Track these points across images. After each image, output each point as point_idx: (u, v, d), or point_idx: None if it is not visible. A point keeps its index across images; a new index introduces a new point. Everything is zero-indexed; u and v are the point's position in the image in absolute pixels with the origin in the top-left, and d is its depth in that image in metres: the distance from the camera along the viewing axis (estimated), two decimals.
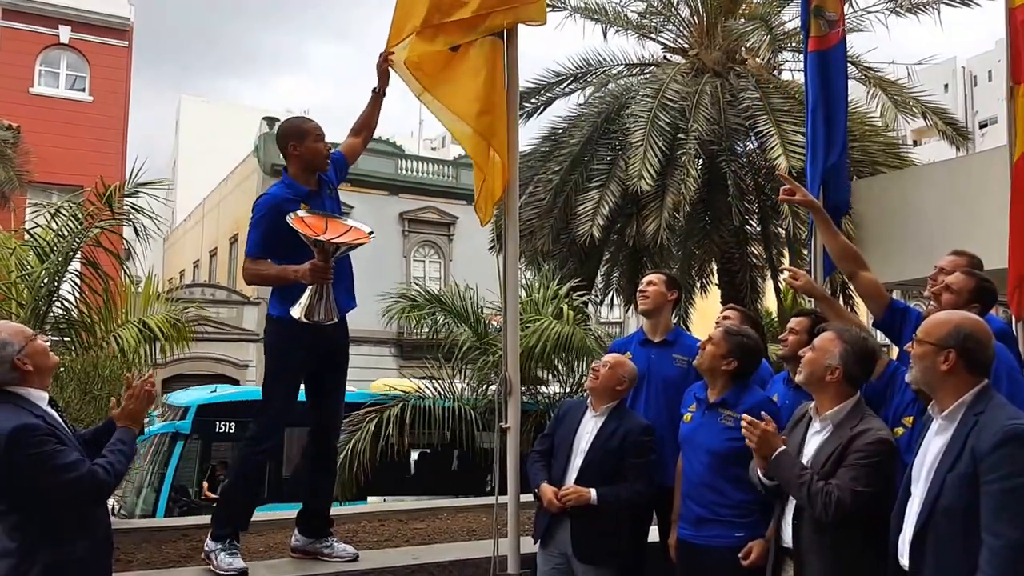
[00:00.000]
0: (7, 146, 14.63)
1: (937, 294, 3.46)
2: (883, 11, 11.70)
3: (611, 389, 3.97)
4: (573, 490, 3.76)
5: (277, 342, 4.21)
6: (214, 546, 3.93)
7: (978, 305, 3.33)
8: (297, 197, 4.07)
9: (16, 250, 7.33)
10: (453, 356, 10.30)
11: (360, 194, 25.63)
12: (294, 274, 3.85)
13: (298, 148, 4.18)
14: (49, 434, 2.79)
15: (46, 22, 22.47)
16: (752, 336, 3.77)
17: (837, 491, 2.79)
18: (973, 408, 2.51)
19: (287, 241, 3.86)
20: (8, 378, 2.84)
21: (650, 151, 10.08)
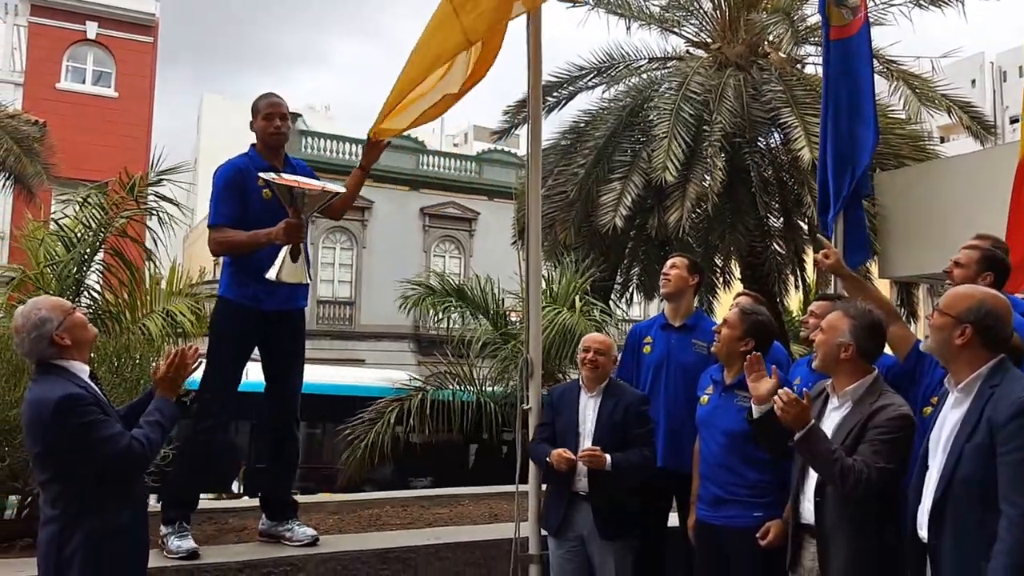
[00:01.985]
0: (33, 141, 14.79)
1: (949, 271, 3.49)
2: (906, 3, 11.61)
3: (608, 371, 4.07)
4: (591, 451, 3.79)
5: (222, 322, 4.16)
6: (165, 530, 3.92)
7: (991, 274, 3.36)
8: (259, 170, 4.05)
9: (44, 240, 7.43)
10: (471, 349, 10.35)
11: (382, 189, 25.72)
12: (266, 237, 3.84)
13: (253, 124, 4.20)
14: (94, 403, 2.85)
15: (73, 18, 22.70)
16: (764, 313, 3.84)
17: (865, 468, 2.80)
18: (989, 380, 2.53)
19: (252, 211, 3.88)
20: (48, 353, 2.91)
21: (675, 142, 10.08)
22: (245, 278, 4.04)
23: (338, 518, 5.14)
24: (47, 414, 2.77)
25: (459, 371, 10.94)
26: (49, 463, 2.86)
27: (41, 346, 2.90)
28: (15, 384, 4.15)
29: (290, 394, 4.33)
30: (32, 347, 2.90)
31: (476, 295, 10.52)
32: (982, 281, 3.26)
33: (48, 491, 2.88)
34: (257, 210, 3.99)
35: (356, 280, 25.91)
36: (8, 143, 13.59)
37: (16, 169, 13.78)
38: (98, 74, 23.14)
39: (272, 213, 3.89)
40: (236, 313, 4.04)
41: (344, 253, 25.98)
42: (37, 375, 2.93)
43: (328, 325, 25.62)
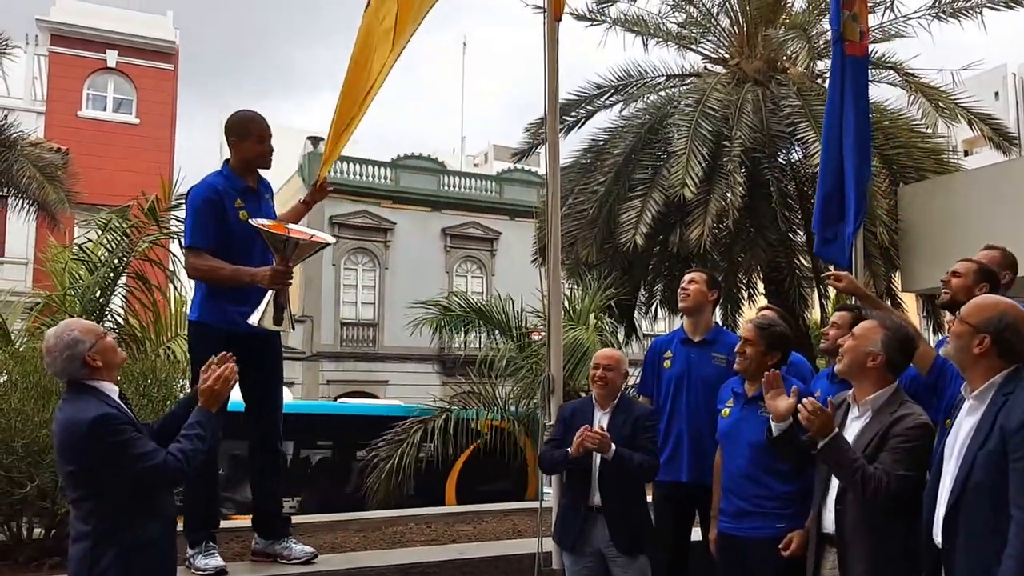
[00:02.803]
0: (57, 169, 15.01)
1: (947, 281, 3.61)
2: (925, 16, 11.58)
3: (619, 387, 4.08)
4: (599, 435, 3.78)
5: (201, 347, 3.99)
6: (191, 552, 3.93)
7: (986, 285, 3.47)
8: (234, 191, 4.03)
9: (68, 264, 7.54)
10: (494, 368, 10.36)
11: (403, 211, 25.88)
12: (250, 277, 3.79)
13: (239, 145, 4.13)
14: (127, 423, 2.90)
15: (94, 47, 23.07)
16: (780, 324, 3.85)
17: (886, 476, 2.84)
18: (1003, 388, 2.57)
19: (230, 232, 3.84)
20: (80, 374, 2.95)
21: (693, 159, 10.08)
22: (221, 301, 4.00)
23: (363, 536, 5.15)
24: (81, 433, 2.81)
25: (483, 390, 10.94)
26: (83, 481, 2.89)
27: (73, 366, 2.94)
28: (43, 405, 4.20)
29: (272, 412, 4.30)
30: (64, 367, 2.95)
31: (498, 315, 10.54)
32: (979, 291, 3.38)
33: (80, 508, 2.91)
34: (235, 232, 3.95)
35: (379, 302, 26.00)
36: (31, 171, 13.80)
37: (39, 196, 13.99)
38: (119, 101, 23.47)
39: (249, 236, 3.88)
40: (214, 337, 3.90)
41: (367, 275, 26.10)
42: (68, 395, 2.98)
43: (352, 347, 25.70)
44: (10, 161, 13.71)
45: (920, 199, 10.01)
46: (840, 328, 3.85)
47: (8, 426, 4.11)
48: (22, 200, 14.40)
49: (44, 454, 4.04)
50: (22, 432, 4.10)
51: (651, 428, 4.03)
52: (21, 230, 18.76)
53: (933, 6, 11.55)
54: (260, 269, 3.77)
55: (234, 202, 3.97)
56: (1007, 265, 3.82)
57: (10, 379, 4.48)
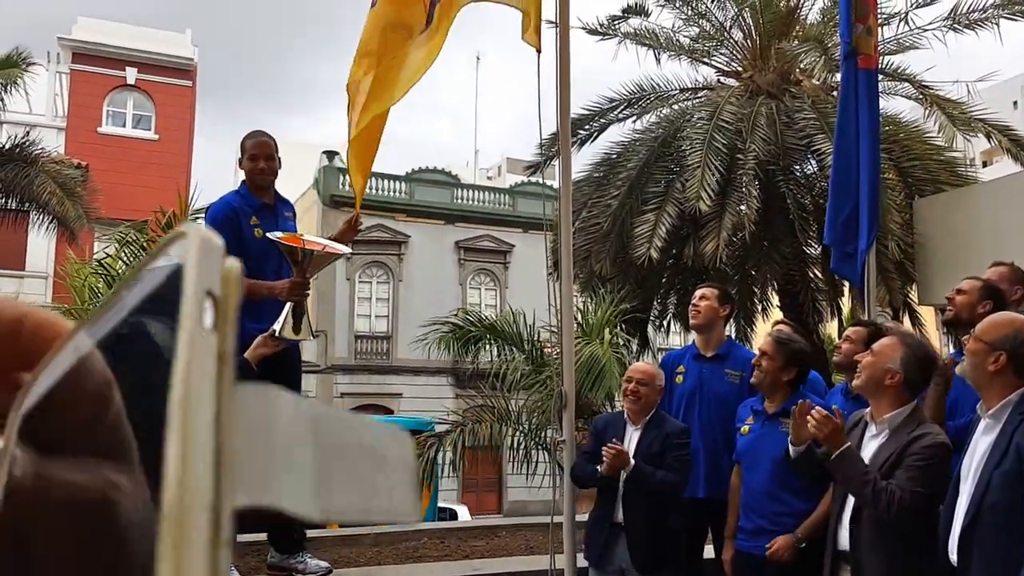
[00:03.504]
0: (76, 184, 15.20)
1: (951, 299, 3.63)
2: (940, 28, 11.53)
3: (652, 403, 4.03)
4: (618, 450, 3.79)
5: None
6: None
7: (990, 303, 3.46)
8: (250, 208, 4.11)
9: (87, 278, 7.63)
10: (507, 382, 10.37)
11: (416, 224, 25.97)
12: (268, 290, 3.86)
13: (241, 162, 4.25)
14: None
15: (114, 64, 23.38)
16: (800, 341, 3.84)
17: (899, 490, 2.82)
18: (1019, 407, 2.55)
19: (245, 249, 3.91)
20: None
21: (708, 172, 10.07)
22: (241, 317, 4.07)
23: (377, 551, 5.17)
24: None
25: (496, 404, 10.95)
26: None
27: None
28: None
29: None
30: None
31: (509, 329, 10.56)
32: (982, 308, 3.39)
33: None
34: (249, 248, 4.02)
35: (393, 315, 26.07)
36: (52, 187, 13.97)
37: (59, 212, 14.15)
38: (138, 118, 23.75)
39: (264, 252, 3.96)
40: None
41: (381, 287, 26.18)
42: None
43: (365, 360, 25.77)
44: (31, 177, 13.89)
45: (936, 212, 9.93)
46: (854, 343, 3.82)
47: None
48: (43, 215, 14.58)
49: None
50: None
51: (682, 446, 3.97)
52: (41, 244, 18.97)
53: (948, 17, 11.48)
54: (278, 282, 3.85)
55: (249, 219, 4.06)
56: (1017, 280, 3.80)
57: None
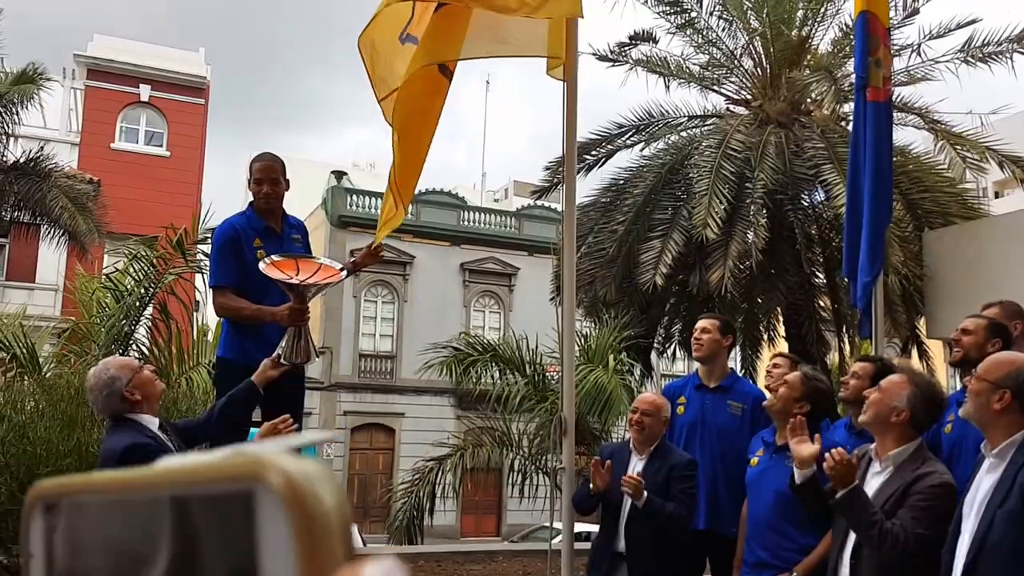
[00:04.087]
0: (88, 199, 15.35)
1: (957, 340, 3.62)
2: (952, 61, 11.55)
3: (656, 434, 4.03)
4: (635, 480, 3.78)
5: (224, 382, 4.17)
6: None
7: (999, 341, 3.46)
8: (254, 231, 4.13)
9: (96, 292, 7.66)
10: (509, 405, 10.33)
11: (422, 244, 26.04)
12: (271, 316, 3.90)
13: (249, 184, 4.28)
14: (159, 450, 3.02)
15: (128, 81, 23.61)
16: (826, 381, 3.81)
17: (902, 532, 2.79)
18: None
19: (248, 272, 3.93)
20: (121, 408, 3.12)
21: (715, 200, 10.06)
22: (244, 339, 4.11)
23: None
24: (113, 463, 2.96)
25: (498, 426, 10.91)
26: None
27: (113, 402, 3.11)
28: (68, 435, 4.26)
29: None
30: (105, 404, 3.12)
31: (511, 353, 10.54)
32: (991, 347, 3.38)
33: None
34: (252, 271, 4.02)
35: (397, 334, 26.10)
36: (63, 201, 14.11)
37: (70, 226, 14.27)
38: (151, 134, 23.93)
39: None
40: (237, 373, 4.02)
41: (386, 307, 26.23)
42: (110, 430, 3.15)
43: (369, 379, 25.77)
44: (44, 191, 14.03)
45: (946, 244, 9.92)
46: (861, 379, 3.82)
47: (34, 454, 4.17)
48: (54, 229, 14.70)
49: None
50: (47, 461, 4.17)
51: (688, 479, 3.96)
52: (52, 258, 19.07)
53: (961, 50, 11.51)
54: (279, 308, 3.86)
55: (252, 241, 4.07)
56: (1016, 315, 3.80)
57: (36, 408, 4.56)
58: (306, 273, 3.83)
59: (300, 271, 3.83)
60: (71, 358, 7.29)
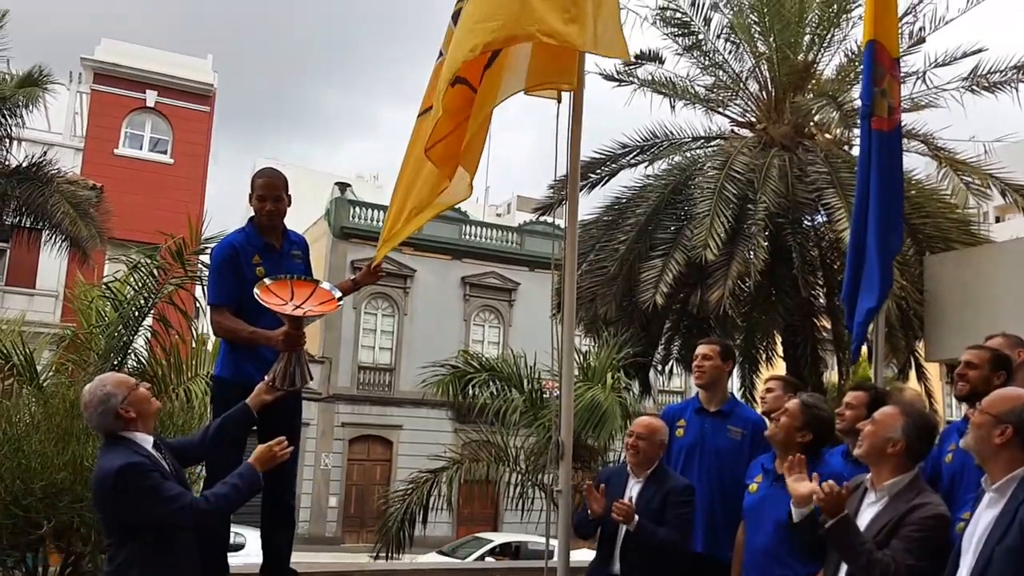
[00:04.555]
0: (90, 205, 15.34)
1: (962, 374, 3.63)
2: (958, 88, 11.58)
3: (652, 457, 4.03)
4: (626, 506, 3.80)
5: (220, 400, 4.15)
6: None
7: (1004, 373, 3.51)
8: (253, 248, 4.10)
9: (95, 301, 7.65)
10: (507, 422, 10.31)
11: (423, 258, 26.07)
12: (266, 340, 3.88)
13: (250, 199, 4.22)
14: (152, 469, 3.05)
15: (134, 86, 23.64)
16: (826, 409, 3.78)
17: (892, 563, 2.79)
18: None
19: (248, 289, 3.89)
20: (115, 425, 3.12)
21: (717, 221, 10.08)
22: (241, 358, 4.09)
23: None
24: (108, 483, 2.97)
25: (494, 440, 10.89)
26: (111, 529, 3.07)
27: (107, 420, 3.10)
28: (63, 448, 4.24)
29: (288, 467, 4.31)
30: (100, 421, 3.11)
31: (509, 371, 10.53)
32: (997, 380, 3.43)
33: (111, 555, 3.09)
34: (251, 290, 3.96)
35: (397, 347, 26.10)
36: (65, 207, 14.11)
37: (71, 232, 14.27)
38: (155, 140, 23.95)
39: None
40: (233, 391, 4.02)
41: (385, 320, 26.25)
42: (104, 447, 3.14)
43: (367, 391, 25.77)
44: (46, 196, 14.03)
45: (947, 269, 9.92)
46: (855, 408, 3.83)
47: (28, 467, 4.16)
48: (55, 235, 14.70)
49: (61, 496, 4.10)
50: (41, 474, 4.15)
51: (684, 504, 3.95)
52: (53, 264, 19.07)
53: (967, 78, 11.55)
54: (274, 332, 3.84)
55: (251, 259, 4.05)
56: (1017, 344, 3.81)
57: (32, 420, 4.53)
58: (300, 297, 3.81)
59: (295, 295, 3.80)
60: (69, 367, 7.27)
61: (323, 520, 24.82)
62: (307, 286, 3.92)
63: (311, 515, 24.60)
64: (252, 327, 3.97)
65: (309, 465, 24.69)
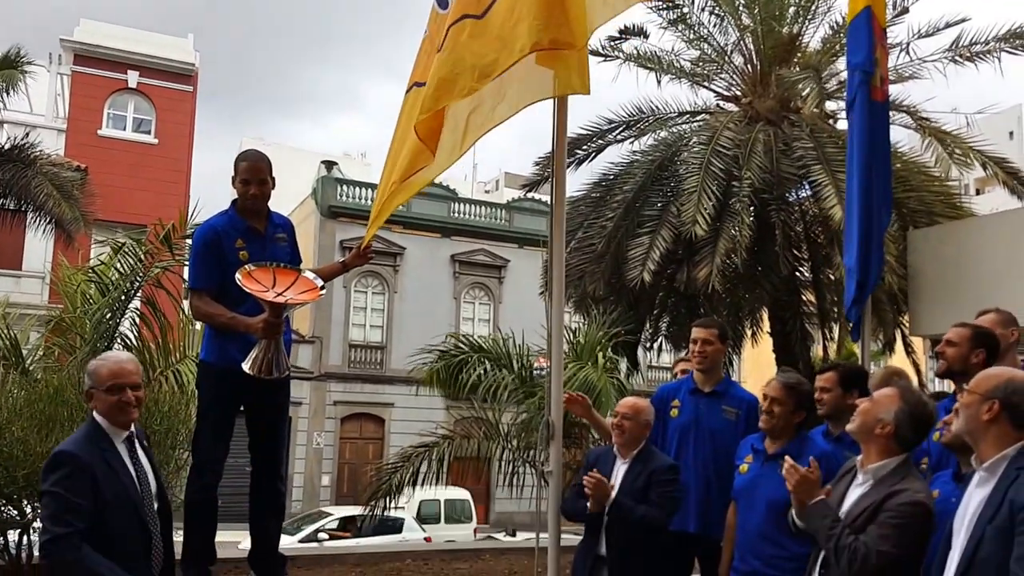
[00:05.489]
0: (74, 186, 15.21)
1: (942, 352, 3.61)
2: (941, 60, 11.58)
3: (638, 437, 4.04)
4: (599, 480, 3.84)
5: (206, 385, 4.17)
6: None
7: (983, 351, 3.47)
8: (235, 231, 4.07)
9: (80, 285, 7.60)
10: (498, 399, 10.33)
11: (412, 236, 26.02)
12: (245, 327, 3.84)
13: (233, 181, 4.16)
14: (79, 471, 2.89)
15: (115, 67, 23.42)
16: (807, 383, 3.81)
17: (864, 548, 2.77)
18: (1016, 462, 2.52)
19: (230, 274, 3.87)
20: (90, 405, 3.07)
21: (704, 196, 10.06)
22: (225, 341, 4.05)
23: (360, 571, 5.16)
24: (49, 465, 2.89)
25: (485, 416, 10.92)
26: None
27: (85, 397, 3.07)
28: (46, 435, 4.22)
29: (276, 449, 4.32)
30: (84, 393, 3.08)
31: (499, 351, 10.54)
32: (975, 357, 3.42)
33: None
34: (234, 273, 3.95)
35: (387, 325, 26.10)
36: (49, 188, 13.99)
37: (56, 213, 14.16)
38: (138, 121, 23.76)
39: None
40: (218, 376, 4.04)
41: (376, 298, 26.22)
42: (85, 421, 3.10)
43: (359, 369, 25.80)
44: (29, 178, 13.91)
45: (931, 244, 9.95)
46: (830, 391, 3.85)
47: (11, 455, 4.13)
48: (40, 217, 14.58)
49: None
50: (24, 462, 4.12)
51: (667, 483, 3.98)
52: (39, 245, 18.97)
53: (950, 49, 11.53)
54: (254, 320, 3.80)
55: (234, 242, 4.01)
56: (1009, 323, 3.81)
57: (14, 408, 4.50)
58: (283, 285, 3.76)
59: (277, 282, 3.76)
60: (55, 351, 7.24)
61: (316, 499, 24.91)
62: (290, 274, 3.88)
63: (303, 494, 24.69)
64: (231, 312, 3.94)
65: (301, 444, 24.76)
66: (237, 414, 4.22)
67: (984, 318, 3.82)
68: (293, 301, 3.78)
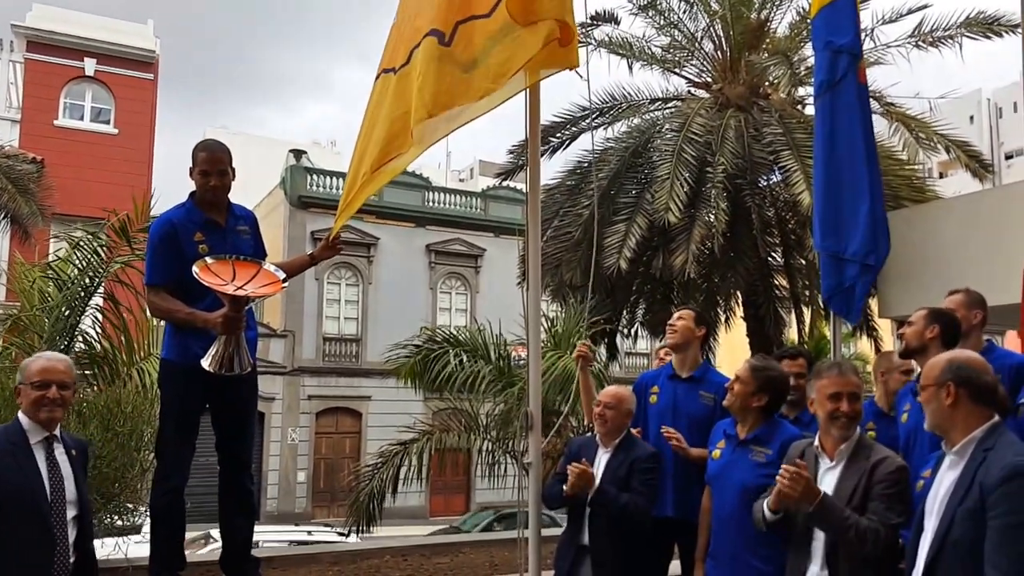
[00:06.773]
0: (30, 180, 14.79)
1: (902, 333, 3.69)
2: (905, 45, 11.69)
3: (620, 426, 4.07)
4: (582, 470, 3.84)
5: (168, 384, 4.07)
6: None
7: (937, 327, 3.55)
8: (194, 224, 3.95)
9: (36, 282, 7.36)
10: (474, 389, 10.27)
11: (387, 226, 25.77)
12: (204, 323, 3.72)
13: (191, 173, 4.04)
14: None
15: (71, 55, 22.74)
16: (778, 369, 3.79)
17: (880, 527, 2.85)
18: (983, 444, 2.58)
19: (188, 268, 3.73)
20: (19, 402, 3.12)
21: (677, 183, 10.08)
22: (187, 339, 3.93)
23: (338, 569, 5.07)
24: None
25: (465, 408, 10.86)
26: None
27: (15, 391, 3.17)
28: None
29: (245, 448, 4.23)
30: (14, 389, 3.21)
31: (476, 342, 10.47)
32: (930, 333, 3.52)
33: None
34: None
35: (362, 317, 25.85)
36: (3, 182, 13.59)
37: (12, 208, 13.77)
38: (97, 111, 23.17)
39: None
40: (181, 375, 3.93)
41: (350, 289, 25.95)
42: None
43: (334, 362, 25.52)
44: None
45: (897, 227, 9.98)
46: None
47: None
48: None
49: None
50: None
51: (648, 471, 3.99)
52: None
53: (913, 35, 11.66)
54: (213, 315, 3.67)
55: (192, 236, 3.89)
56: (975, 304, 3.81)
57: None
58: (243, 278, 3.62)
59: (237, 276, 3.62)
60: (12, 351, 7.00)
61: (292, 496, 24.65)
62: (250, 266, 3.73)
63: (279, 491, 24.42)
64: (190, 308, 3.82)
65: (276, 441, 24.46)
66: (203, 413, 4.10)
67: (952, 298, 3.84)
68: (254, 294, 3.65)
